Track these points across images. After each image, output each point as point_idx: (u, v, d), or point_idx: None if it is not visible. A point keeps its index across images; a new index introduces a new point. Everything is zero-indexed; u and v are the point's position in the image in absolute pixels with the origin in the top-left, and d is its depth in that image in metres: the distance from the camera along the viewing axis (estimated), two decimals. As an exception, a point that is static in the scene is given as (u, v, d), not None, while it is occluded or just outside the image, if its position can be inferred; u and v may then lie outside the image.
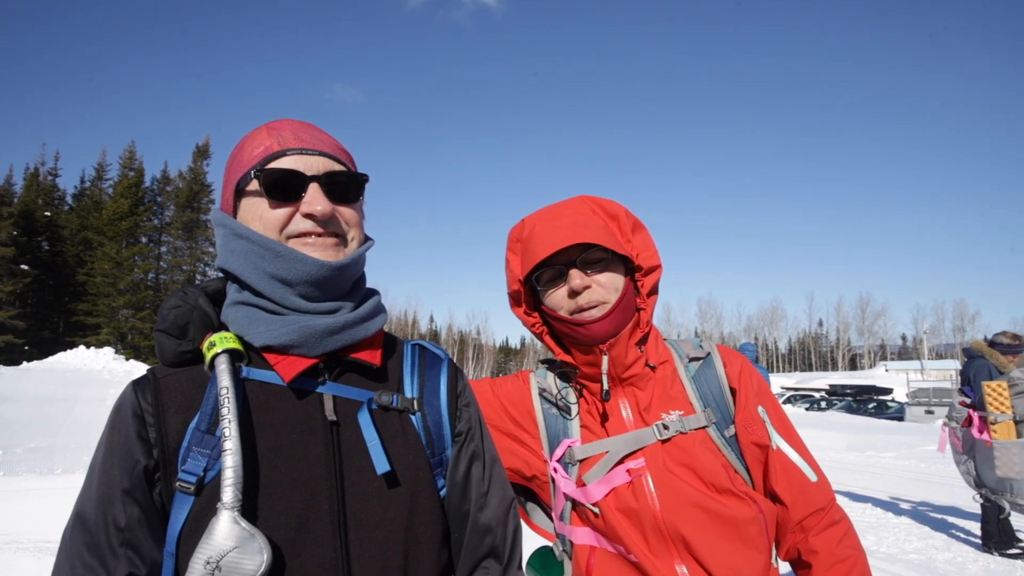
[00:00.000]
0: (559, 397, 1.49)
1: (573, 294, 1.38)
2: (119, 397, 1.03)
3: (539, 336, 1.52)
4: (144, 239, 52.81)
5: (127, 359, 27.44)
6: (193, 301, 1.05)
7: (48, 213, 52.78)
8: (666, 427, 1.39)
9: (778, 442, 1.42)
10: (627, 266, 1.45)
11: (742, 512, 1.34)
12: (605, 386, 1.41)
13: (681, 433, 1.39)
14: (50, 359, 24.86)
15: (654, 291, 1.47)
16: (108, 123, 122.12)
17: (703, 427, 1.40)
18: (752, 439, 1.41)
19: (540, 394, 1.53)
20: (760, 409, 1.44)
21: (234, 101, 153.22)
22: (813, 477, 1.42)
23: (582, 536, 1.42)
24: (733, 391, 1.45)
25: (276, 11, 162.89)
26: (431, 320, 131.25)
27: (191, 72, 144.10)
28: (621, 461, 1.38)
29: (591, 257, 1.39)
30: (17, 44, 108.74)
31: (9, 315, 43.08)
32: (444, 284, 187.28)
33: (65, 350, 26.68)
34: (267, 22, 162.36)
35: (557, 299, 1.42)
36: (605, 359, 1.40)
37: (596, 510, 1.38)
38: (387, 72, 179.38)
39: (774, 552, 1.42)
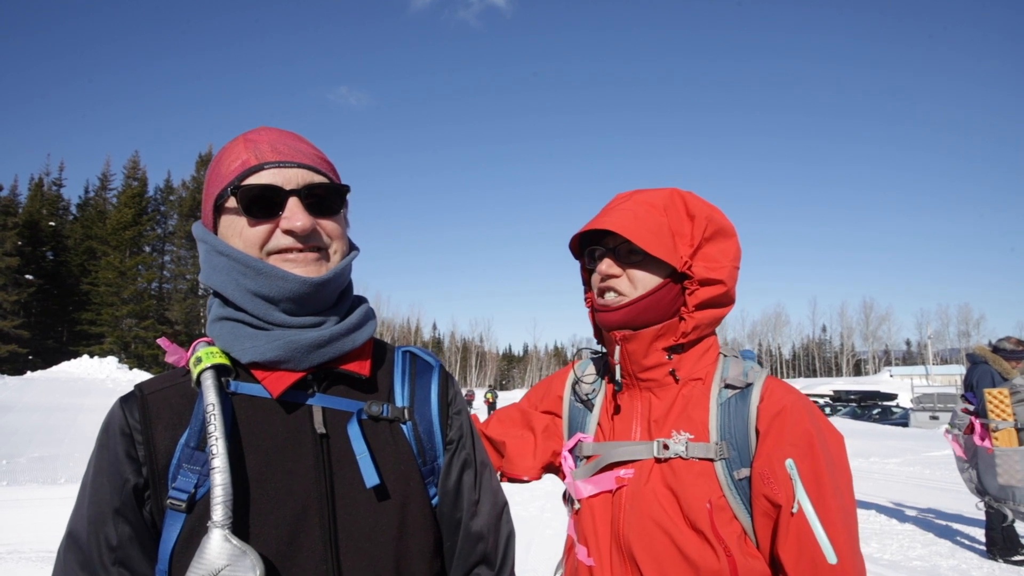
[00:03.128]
0: (586, 393, 1.54)
1: (599, 277, 1.41)
2: (107, 414, 1.01)
3: (588, 303, 1.52)
4: (148, 248, 52.86)
5: (130, 368, 27.49)
6: None
7: (52, 223, 53.02)
8: (666, 447, 1.32)
9: (804, 505, 1.21)
10: (674, 269, 1.37)
11: (705, 561, 1.24)
12: (617, 375, 1.41)
13: (681, 458, 1.31)
14: (54, 368, 24.94)
15: (710, 304, 1.37)
16: (112, 133, 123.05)
17: (709, 459, 1.30)
18: (764, 491, 1.25)
19: (573, 385, 1.59)
20: (789, 463, 1.24)
21: (238, 107, 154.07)
22: (832, 559, 1.17)
23: (571, 527, 1.48)
24: (758, 433, 1.29)
25: (278, 15, 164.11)
26: (434, 327, 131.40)
27: (195, 78, 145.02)
28: (612, 467, 1.39)
29: (633, 248, 1.37)
30: (22, 55, 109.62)
31: (13, 324, 43.20)
32: (447, 291, 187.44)
33: (69, 359, 26.78)
34: (269, 26, 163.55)
35: (595, 277, 1.44)
36: (617, 349, 1.40)
37: (577, 505, 1.43)
38: (392, 74, 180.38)
39: None
